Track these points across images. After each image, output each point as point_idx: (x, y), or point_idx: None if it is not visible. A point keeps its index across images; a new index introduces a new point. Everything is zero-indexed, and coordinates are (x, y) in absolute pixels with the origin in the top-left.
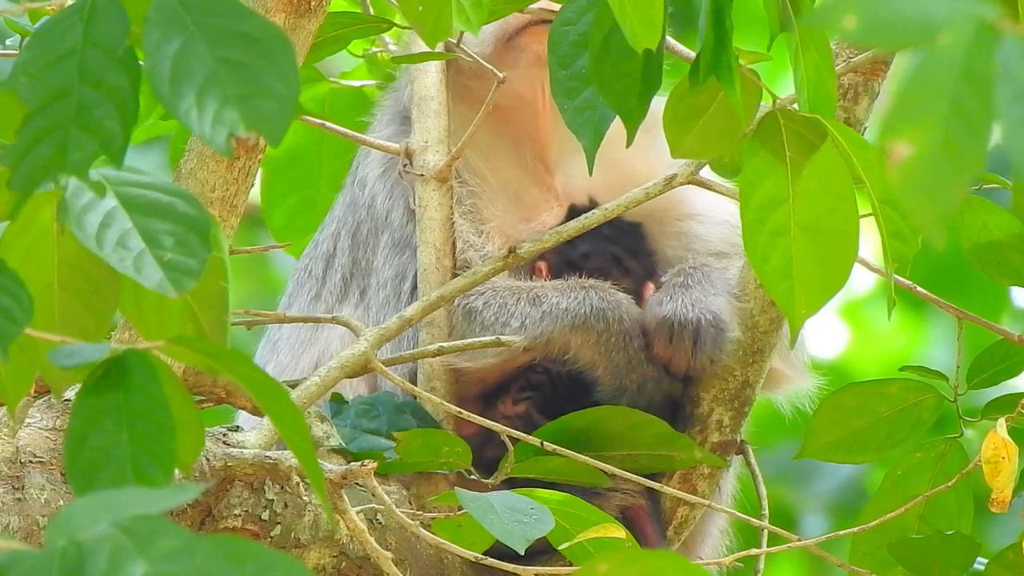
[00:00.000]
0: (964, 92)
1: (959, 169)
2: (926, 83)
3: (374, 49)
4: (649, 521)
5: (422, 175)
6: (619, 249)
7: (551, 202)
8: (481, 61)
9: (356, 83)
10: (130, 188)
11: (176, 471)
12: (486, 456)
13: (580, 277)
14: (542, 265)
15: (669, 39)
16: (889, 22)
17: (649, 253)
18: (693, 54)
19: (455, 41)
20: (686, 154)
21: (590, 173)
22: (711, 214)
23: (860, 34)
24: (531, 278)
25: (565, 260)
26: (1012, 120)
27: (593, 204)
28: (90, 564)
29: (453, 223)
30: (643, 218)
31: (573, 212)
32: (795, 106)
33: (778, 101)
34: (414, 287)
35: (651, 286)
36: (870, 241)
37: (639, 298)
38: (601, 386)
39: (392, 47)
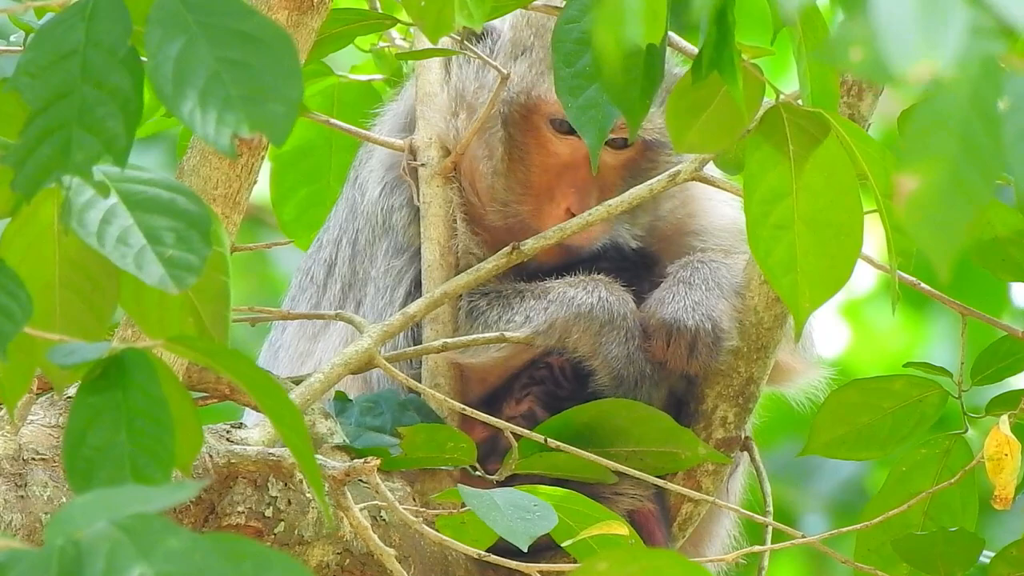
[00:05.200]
0: (973, 127)
1: (968, 203)
2: (934, 118)
3: (381, 44)
4: (657, 524)
5: (424, 165)
6: (628, 275)
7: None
8: (486, 58)
9: (364, 77)
10: (131, 185)
11: (176, 469)
12: (491, 467)
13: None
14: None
15: (672, 35)
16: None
17: (657, 278)
18: (696, 49)
19: (458, 38)
20: (689, 149)
21: (594, 170)
22: (717, 218)
23: (866, 68)
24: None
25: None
26: (1020, 155)
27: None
28: (88, 563)
29: (456, 222)
30: (653, 240)
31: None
32: (798, 101)
33: (781, 96)
34: (408, 293)
35: None
36: (872, 238)
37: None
38: (599, 377)
39: (400, 41)
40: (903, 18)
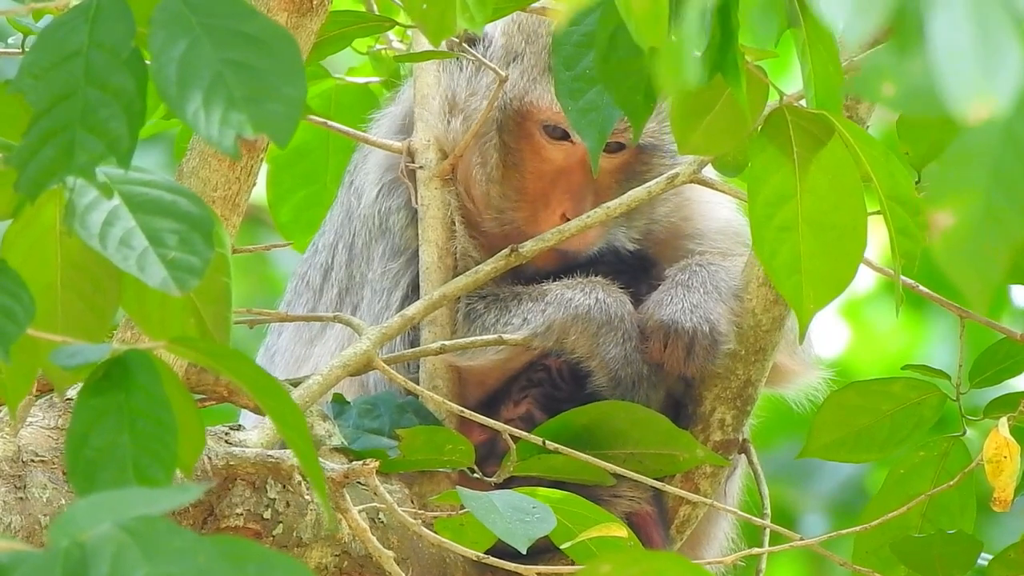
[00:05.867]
0: (1006, 161)
1: (1002, 238)
2: (967, 152)
3: (378, 47)
4: (655, 527)
5: (422, 167)
6: (626, 277)
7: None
8: (484, 60)
9: (362, 80)
10: (134, 187)
11: (177, 471)
12: (489, 470)
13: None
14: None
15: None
16: (928, 90)
17: (654, 281)
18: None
19: (457, 40)
20: (694, 150)
21: (595, 174)
22: (714, 221)
23: (899, 101)
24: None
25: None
26: None
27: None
28: (93, 565)
29: (454, 224)
30: (650, 244)
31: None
32: (802, 102)
33: (785, 97)
34: (405, 296)
35: None
36: (874, 239)
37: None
38: (596, 378)
39: (397, 44)
40: (962, 54)
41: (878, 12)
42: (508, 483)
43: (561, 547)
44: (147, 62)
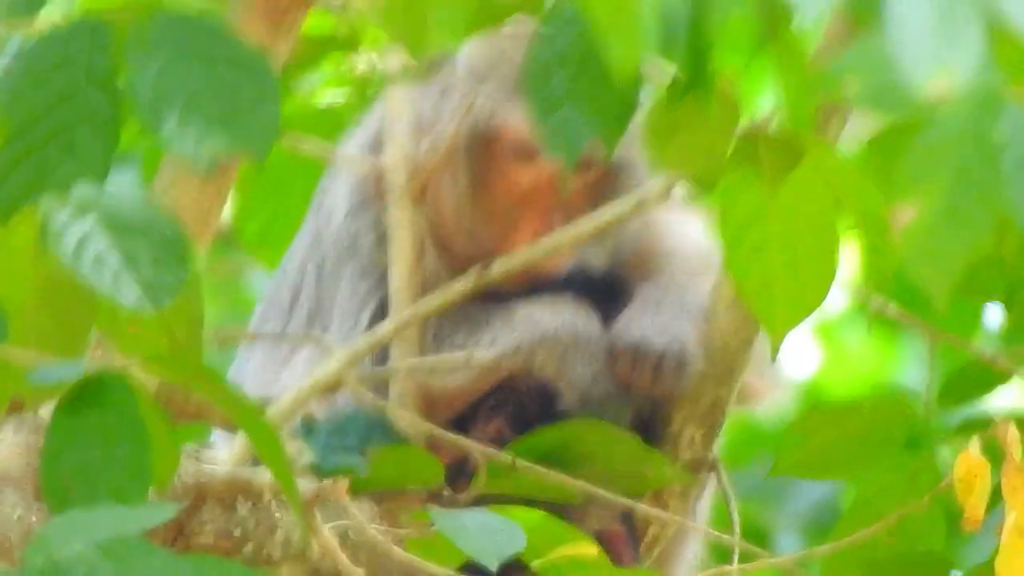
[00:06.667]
0: (970, 157)
1: (964, 234)
2: (931, 149)
3: (348, 67)
4: (625, 545)
5: (391, 188)
6: (595, 297)
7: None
8: (452, 81)
9: (328, 100)
10: (107, 207)
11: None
12: (459, 489)
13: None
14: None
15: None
16: (892, 88)
17: (623, 300)
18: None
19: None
20: (666, 169)
21: (564, 193)
22: (683, 241)
23: (862, 99)
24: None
25: None
26: (1018, 187)
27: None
28: None
29: (424, 244)
30: (619, 264)
31: None
32: (774, 123)
33: (757, 117)
34: (374, 316)
35: None
36: (845, 260)
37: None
38: (565, 398)
39: (364, 65)
40: (920, 30)
41: None
42: (478, 502)
43: (531, 565)
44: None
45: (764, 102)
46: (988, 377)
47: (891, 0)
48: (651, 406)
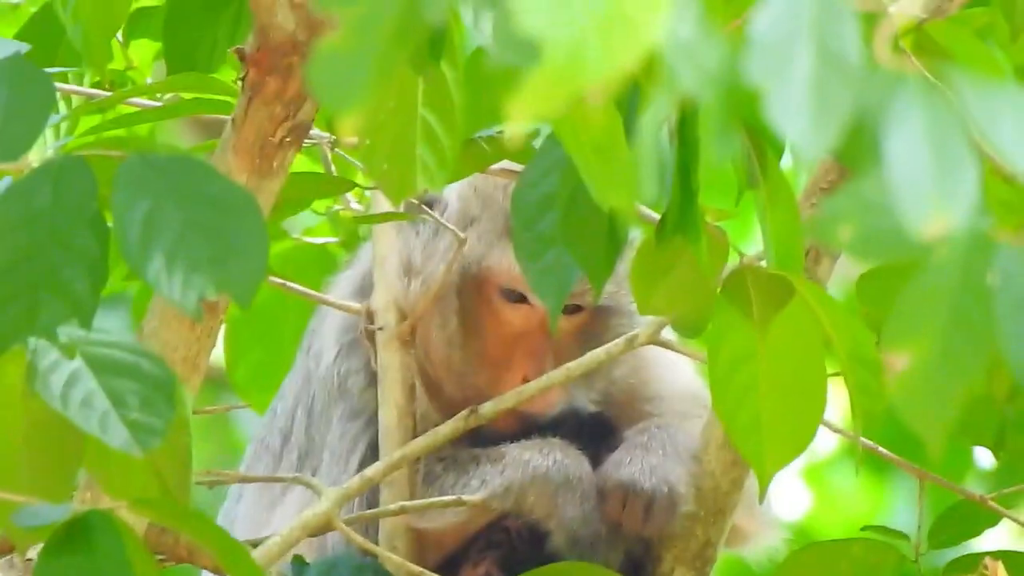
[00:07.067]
0: (964, 302)
1: (958, 380)
2: (924, 294)
3: (337, 207)
4: None
5: (381, 328)
6: (585, 439)
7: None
8: (442, 222)
9: (319, 240)
10: (95, 348)
11: None
12: None
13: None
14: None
15: None
16: (885, 234)
17: (613, 442)
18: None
19: (415, 202)
20: (653, 311)
21: (553, 334)
22: (672, 383)
23: (855, 245)
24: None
25: None
26: (1013, 331)
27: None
28: None
29: (414, 386)
30: (609, 406)
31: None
32: (763, 263)
33: (745, 258)
34: (364, 458)
35: None
36: (834, 401)
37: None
38: (555, 538)
39: (355, 205)
40: (918, 169)
41: (835, 126)
42: None
43: None
44: (109, 223)
45: (752, 241)
46: (978, 518)
47: (889, 139)
48: (641, 547)
